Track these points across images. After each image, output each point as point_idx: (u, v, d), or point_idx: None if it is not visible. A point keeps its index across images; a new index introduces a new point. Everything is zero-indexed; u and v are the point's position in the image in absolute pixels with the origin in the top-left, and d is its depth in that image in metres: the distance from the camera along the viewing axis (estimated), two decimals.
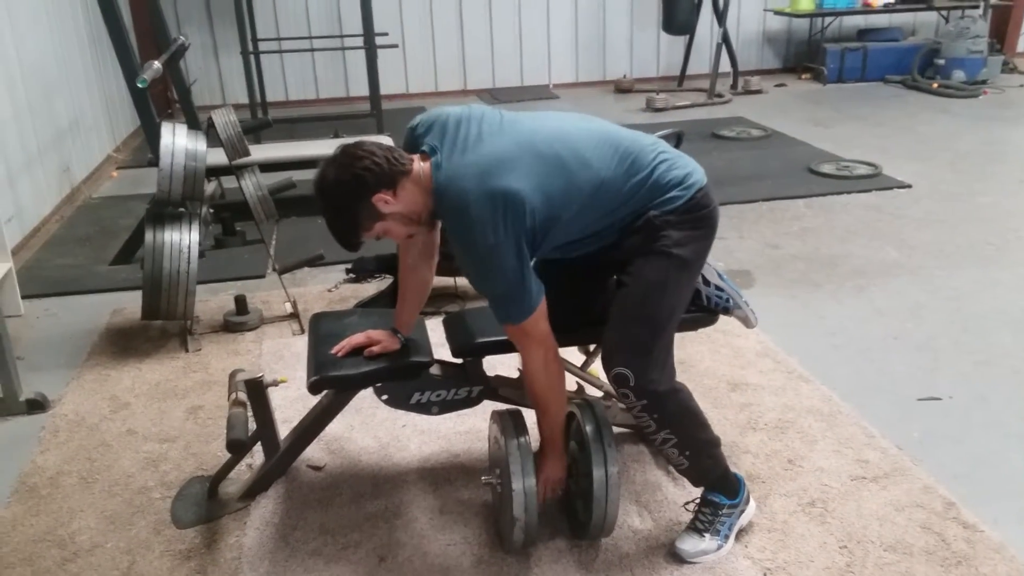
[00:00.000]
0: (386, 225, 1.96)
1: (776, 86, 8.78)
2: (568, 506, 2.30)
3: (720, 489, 2.17)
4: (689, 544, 2.15)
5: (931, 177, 5.41)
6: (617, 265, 2.07)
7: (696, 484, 2.21)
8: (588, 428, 2.11)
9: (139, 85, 3.70)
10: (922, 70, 8.47)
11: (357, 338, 2.28)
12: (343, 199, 1.93)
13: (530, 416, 2.15)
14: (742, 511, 2.21)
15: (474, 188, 1.85)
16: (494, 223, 1.83)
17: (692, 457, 2.11)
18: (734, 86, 8.54)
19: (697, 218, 2.03)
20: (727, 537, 2.17)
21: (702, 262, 2.12)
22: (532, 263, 1.94)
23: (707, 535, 2.15)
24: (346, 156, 1.92)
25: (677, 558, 2.15)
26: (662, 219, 2.00)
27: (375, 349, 2.25)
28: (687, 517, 2.24)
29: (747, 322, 2.40)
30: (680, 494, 2.39)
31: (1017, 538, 2.19)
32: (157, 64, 3.86)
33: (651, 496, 2.39)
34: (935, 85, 8.13)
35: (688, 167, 2.07)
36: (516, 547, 2.12)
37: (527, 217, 1.86)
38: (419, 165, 1.95)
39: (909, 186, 5.22)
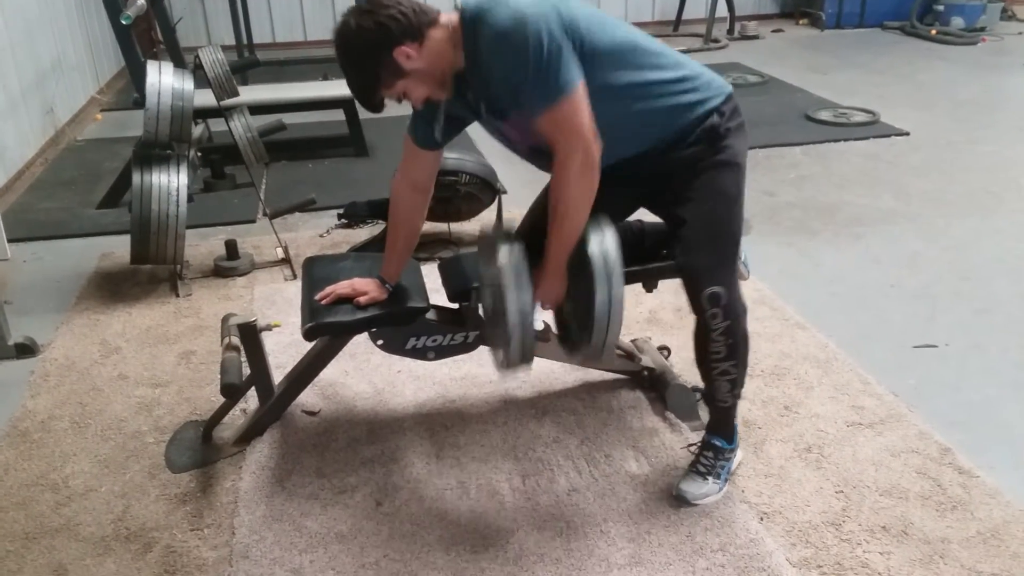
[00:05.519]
0: (407, 84, 1.85)
1: (773, 31, 8.65)
2: (563, 326, 2.19)
3: (724, 434, 2.18)
4: (693, 487, 2.15)
5: (929, 125, 5.35)
6: (660, 181, 2.01)
7: (714, 428, 2.20)
8: (594, 246, 1.91)
9: (123, 22, 3.60)
10: (921, 16, 8.36)
11: (342, 288, 2.23)
12: (364, 50, 1.81)
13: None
14: (735, 456, 2.23)
15: (505, 10, 1.74)
16: (532, 13, 1.73)
17: (736, 396, 2.12)
18: (730, 31, 8.41)
19: (742, 123, 2.02)
20: (726, 480, 2.18)
21: None
22: None
23: (710, 478, 2.16)
24: (371, 3, 1.81)
25: (675, 502, 2.15)
26: (724, 127, 1.96)
27: (362, 300, 2.21)
28: (684, 463, 2.24)
29: (739, 274, 2.37)
30: (677, 439, 2.39)
31: (1012, 483, 2.20)
32: (141, 0, 3.74)
33: (648, 442, 2.39)
34: (933, 32, 8.03)
35: (710, 72, 2.05)
36: (512, 362, 1.98)
37: (560, 20, 1.77)
38: (447, 16, 1.85)
39: (907, 134, 5.17)
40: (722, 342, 2.01)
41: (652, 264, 2.26)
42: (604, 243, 1.92)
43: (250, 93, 4.70)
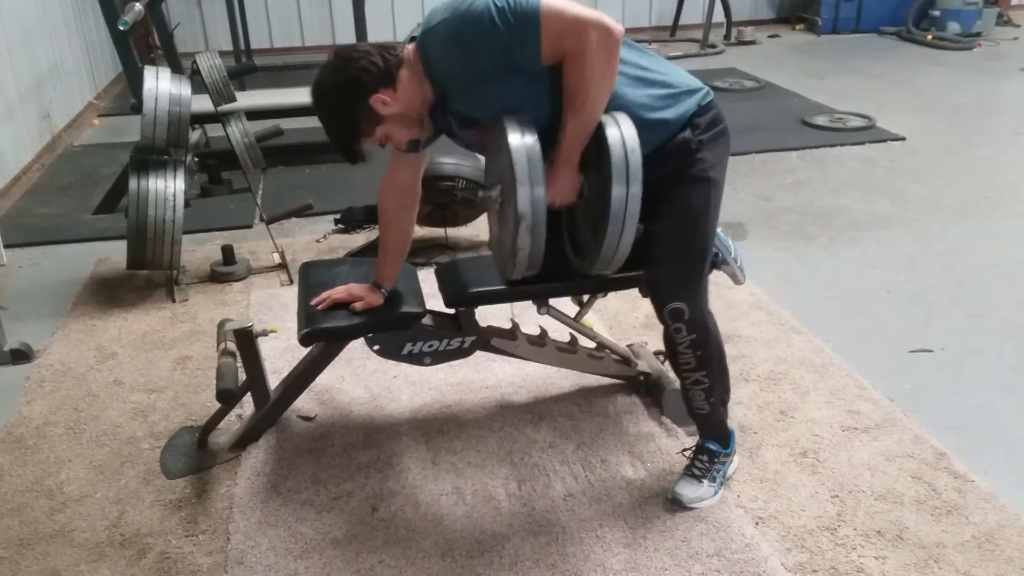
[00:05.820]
0: (387, 129, 1.89)
1: (770, 37, 8.67)
2: (572, 234, 2.08)
3: (717, 438, 2.19)
4: (688, 490, 2.15)
5: (926, 130, 5.37)
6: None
7: (705, 433, 2.21)
8: (612, 132, 1.78)
9: (120, 27, 3.60)
10: (917, 21, 8.38)
11: (338, 293, 2.24)
12: (340, 103, 1.86)
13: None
14: (731, 461, 2.23)
15: (440, 15, 1.78)
16: None
17: (714, 404, 2.13)
18: (727, 36, 8.42)
19: (720, 132, 2.01)
20: (721, 484, 2.18)
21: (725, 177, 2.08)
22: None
23: (704, 481, 2.16)
24: (340, 59, 1.86)
25: (670, 507, 2.15)
26: (696, 141, 1.95)
27: (357, 306, 2.21)
28: (680, 468, 2.24)
29: (735, 278, 2.39)
30: (673, 444, 2.38)
31: (1007, 488, 2.20)
32: (139, 6, 3.75)
33: (644, 447, 2.39)
34: (930, 37, 8.05)
35: (694, 79, 2.04)
36: (520, 263, 1.86)
37: None
38: (408, 49, 1.88)
39: (903, 139, 5.19)
40: (689, 354, 2.04)
41: None
42: (623, 132, 1.77)
43: (247, 99, 4.70)
